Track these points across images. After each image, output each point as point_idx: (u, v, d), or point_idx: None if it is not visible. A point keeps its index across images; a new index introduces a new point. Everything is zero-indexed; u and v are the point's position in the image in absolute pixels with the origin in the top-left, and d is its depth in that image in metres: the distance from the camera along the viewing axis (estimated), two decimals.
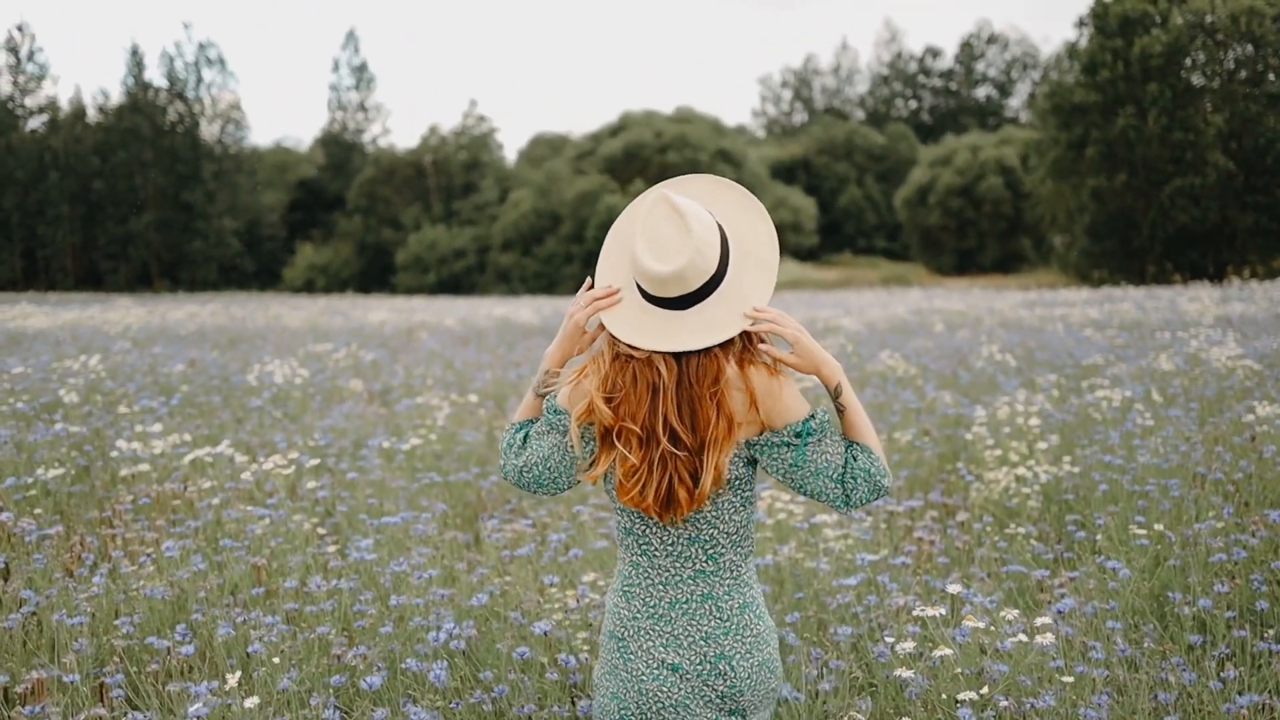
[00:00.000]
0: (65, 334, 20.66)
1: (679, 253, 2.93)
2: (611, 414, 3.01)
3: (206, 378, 13.53)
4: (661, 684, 3.08)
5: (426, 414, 10.53)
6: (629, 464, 3.01)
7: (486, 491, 8.48)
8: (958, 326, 21.10)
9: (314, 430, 10.17)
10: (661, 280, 2.94)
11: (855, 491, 3.04)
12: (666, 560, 3.10)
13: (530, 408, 3.33)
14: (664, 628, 3.10)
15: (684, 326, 2.97)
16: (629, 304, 3.05)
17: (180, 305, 35.68)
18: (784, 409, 3.03)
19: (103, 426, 9.99)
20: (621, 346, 3.03)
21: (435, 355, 17.13)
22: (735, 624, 3.10)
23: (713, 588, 3.09)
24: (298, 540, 6.32)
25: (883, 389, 11.87)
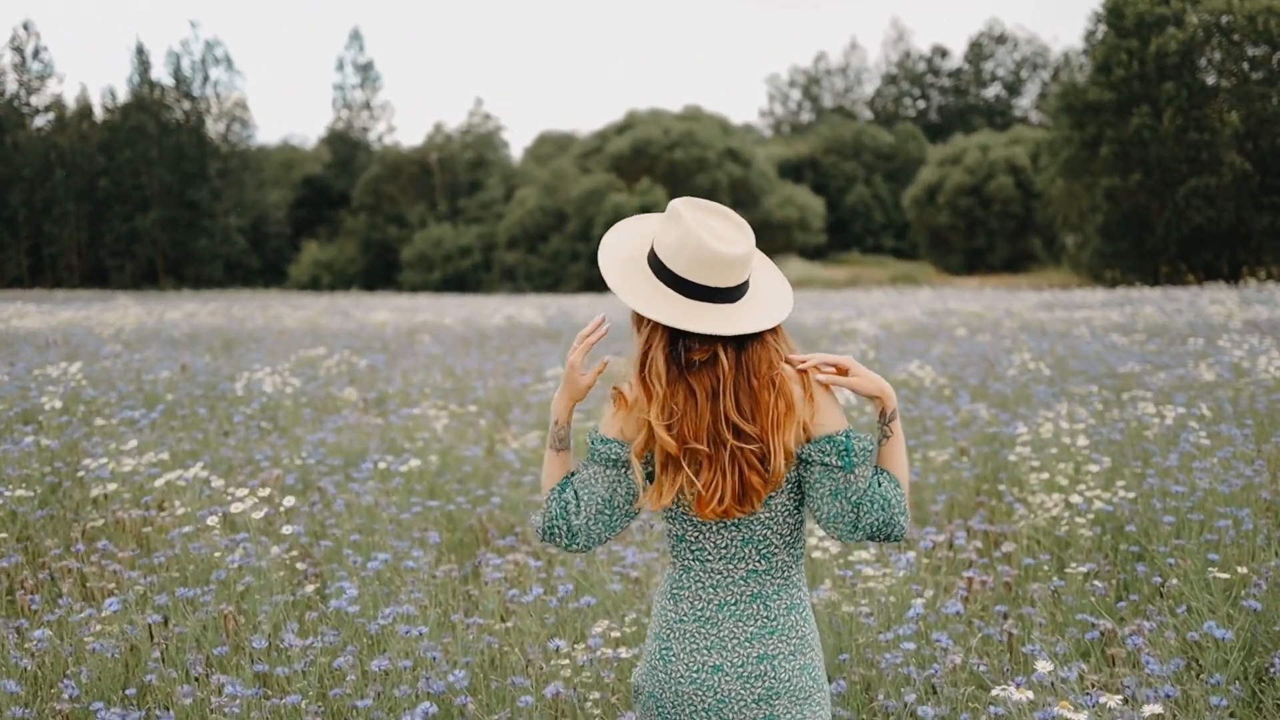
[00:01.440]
0: (57, 335, 19.99)
1: (742, 239, 3.00)
2: (675, 441, 2.99)
3: (194, 386, 12.85)
4: (699, 686, 3.07)
5: (424, 425, 9.87)
6: (698, 486, 3.00)
7: (487, 515, 7.82)
8: (978, 330, 20.37)
9: (303, 445, 9.48)
10: (731, 264, 2.96)
11: (867, 516, 3.00)
12: (720, 563, 3.09)
13: (557, 464, 3.21)
14: (710, 630, 3.09)
15: (741, 311, 3.00)
16: (674, 304, 2.99)
17: (180, 304, 34.97)
18: (828, 415, 3.05)
19: (78, 439, 9.32)
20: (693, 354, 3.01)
21: (436, 360, 16.41)
22: (781, 624, 3.09)
23: (763, 586, 3.09)
24: (274, 580, 5.64)
25: (913, 401, 11.17)
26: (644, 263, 3.11)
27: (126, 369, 14.05)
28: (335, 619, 5.18)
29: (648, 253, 3.12)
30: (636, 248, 3.16)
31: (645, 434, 3.03)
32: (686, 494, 3.04)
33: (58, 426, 9.59)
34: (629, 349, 3.13)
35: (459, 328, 23.40)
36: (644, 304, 3.01)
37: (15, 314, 26.13)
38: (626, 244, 3.18)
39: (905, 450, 3.15)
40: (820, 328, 21.86)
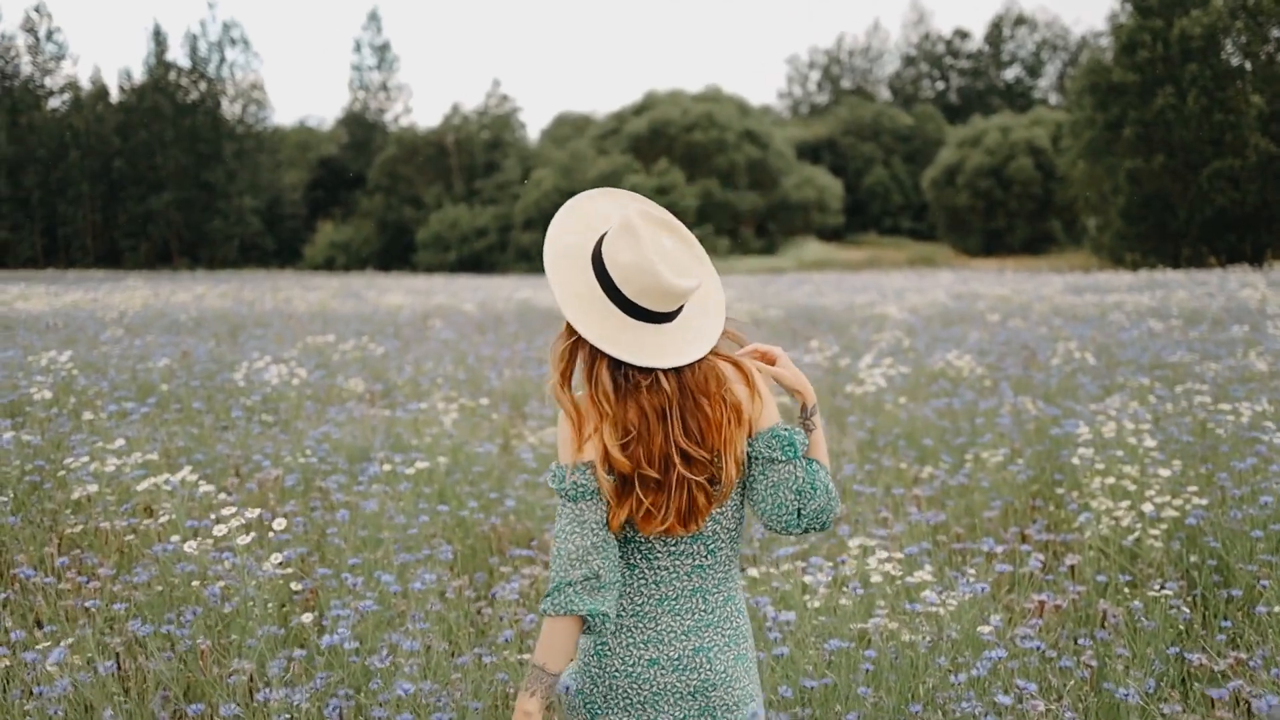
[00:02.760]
0: (60, 319, 19.39)
1: (694, 266, 2.99)
2: (628, 461, 2.95)
3: (193, 375, 12.20)
4: (634, 680, 3.05)
5: (433, 420, 9.23)
6: (645, 505, 2.96)
7: (502, 520, 7.19)
8: (1008, 315, 19.63)
9: (305, 441, 8.83)
10: (678, 295, 2.93)
11: (809, 504, 3.04)
12: (667, 560, 3.07)
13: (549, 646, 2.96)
14: (647, 625, 3.06)
15: (678, 337, 2.99)
16: (612, 325, 2.95)
17: (190, 286, 34.29)
18: (770, 409, 3.08)
19: (63, 435, 8.70)
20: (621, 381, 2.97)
21: (449, 346, 15.73)
22: (718, 617, 3.09)
23: (704, 581, 3.08)
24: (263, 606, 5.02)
25: (953, 393, 10.52)
26: (588, 263, 3.03)
27: (125, 356, 13.43)
28: (328, 658, 4.56)
29: (593, 251, 3.03)
30: (583, 241, 3.07)
31: (600, 454, 2.97)
32: (635, 514, 2.99)
33: (42, 420, 9.00)
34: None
35: (474, 312, 22.74)
36: (586, 326, 2.94)
37: (19, 295, 25.53)
38: (572, 238, 3.07)
39: (825, 441, 3.23)
40: (845, 312, 21.22)
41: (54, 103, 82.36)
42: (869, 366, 10.25)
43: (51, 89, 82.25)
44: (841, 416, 9.98)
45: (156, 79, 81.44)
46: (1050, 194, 73.62)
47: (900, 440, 8.72)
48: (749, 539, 6.44)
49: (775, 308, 21.54)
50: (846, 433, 9.21)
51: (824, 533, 3.19)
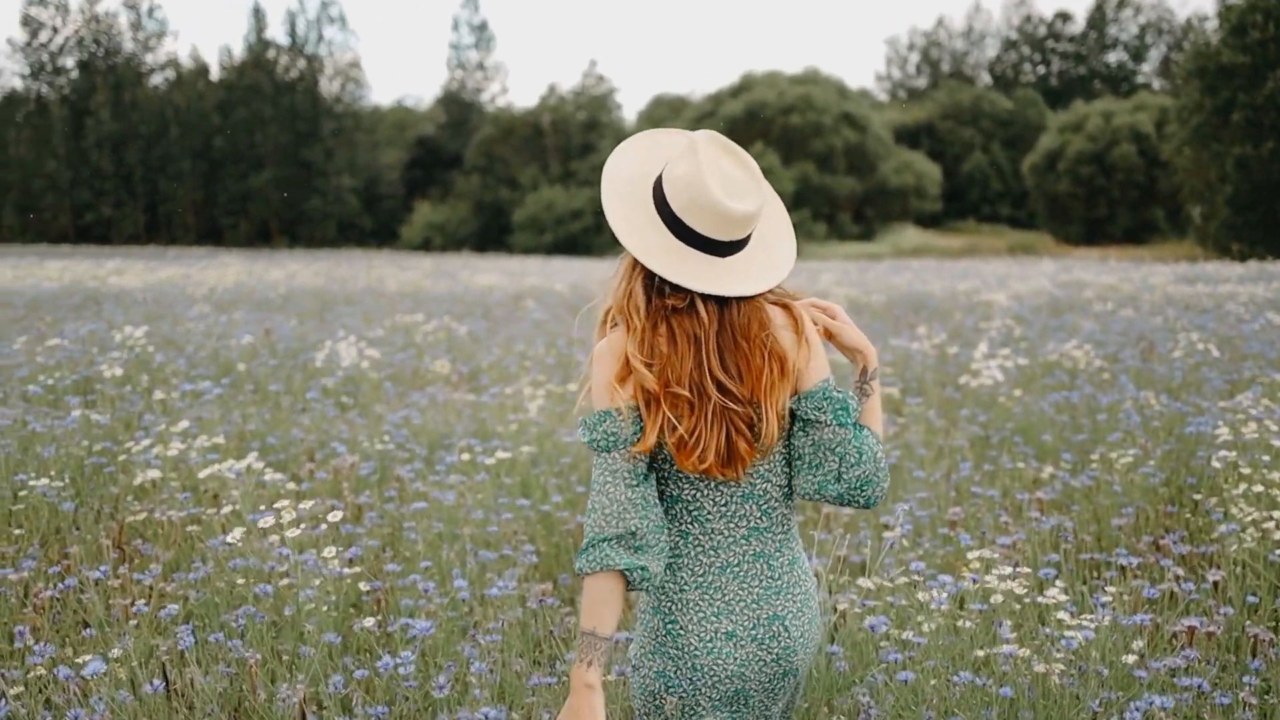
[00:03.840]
0: (150, 294, 19.22)
1: (753, 193, 2.83)
2: (655, 378, 2.79)
3: (274, 354, 11.82)
4: (716, 656, 2.90)
5: (519, 405, 8.75)
6: (680, 432, 2.80)
7: None
8: (1118, 304, 18.81)
9: (384, 424, 8.39)
10: (734, 220, 2.80)
11: (851, 470, 2.88)
12: (720, 523, 2.93)
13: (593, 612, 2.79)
14: (713, 595, 2.92)
15: (734, 270, 2.84)
16: (664, 248, 2.83)
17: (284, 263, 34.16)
18: (819, 361, 2.91)
19: (133, 415, 8.34)
20: (655, 298, 2.84)
21: (540, 328, 15.24)
22: (785, 582, 2.97)
23: (765, 545, 2.96)
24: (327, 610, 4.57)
25: (1071, 386, 9.86)
26: (648, 186, 2.93)
27: (207, 333, 13.11)
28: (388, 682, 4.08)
29: (655, 177, 2.94)
30: (648, 168, 2.97)
31: (623, 365, 2.83)
32: (668, 440, 2.82)
33: (113, 398, 8.64)
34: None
35: (567, 293, 22.28)
36: (626, 232, 2.86)
37: (114, 270, 25.51)
38: (639, 162, 2.98)
39: (880, 409, 3.05)
40: (948, 299, 20.53)
41: (155, 80, 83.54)
42: (984, 357, 9.64)
43: (153, 66, 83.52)
44: (953, 409, 9.39)
45: (256, 56, 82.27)
46: (1154, 181, 72.17)
47: (1016, 436, 8.12)
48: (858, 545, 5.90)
49: (877, 293, 20.88)
50: (958, 427, 8.62)
51: (867, 509, 3.11)
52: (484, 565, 5.46)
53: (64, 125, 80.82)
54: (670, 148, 3.00)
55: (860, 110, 77.09)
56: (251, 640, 4.43)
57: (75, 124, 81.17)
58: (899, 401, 9.45)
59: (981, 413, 8.88)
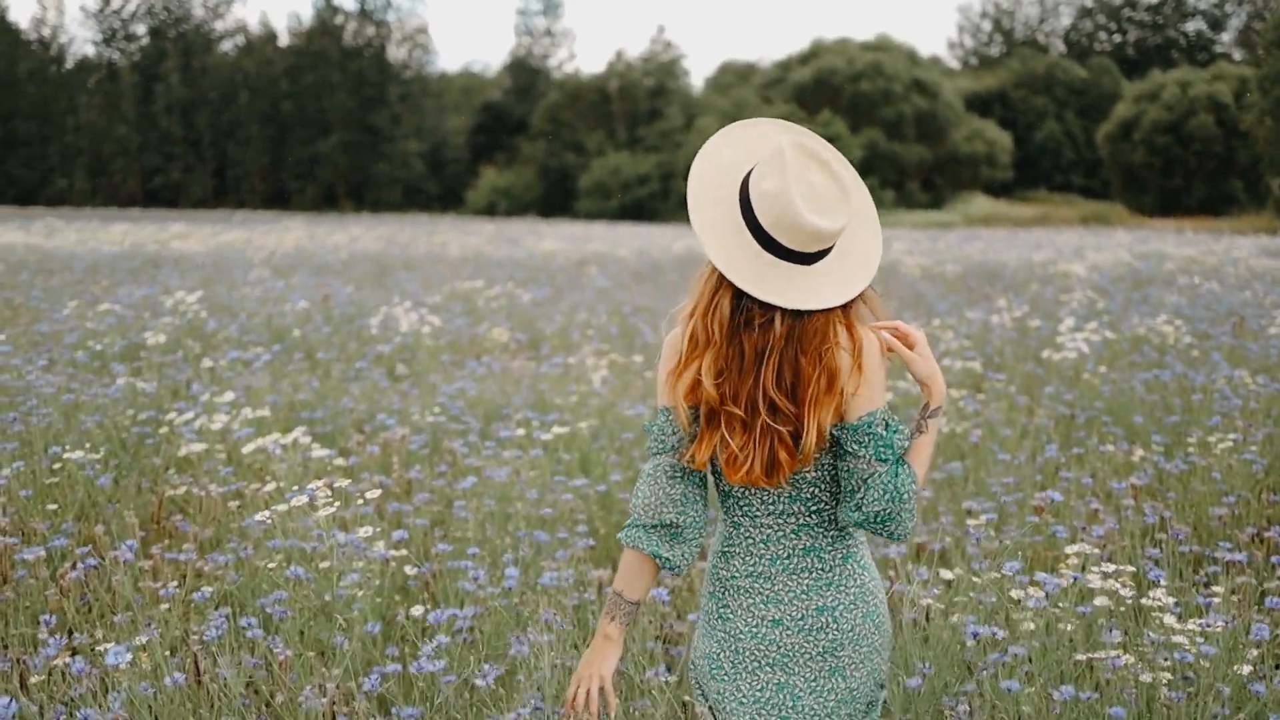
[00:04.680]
0: (210, 258, 19.00)
1: (841, 210, 2.80)
2: (718, 395, 2.85)
3: (329, 320, 11.49)
4: (760, 640, 2.98)
5: (580, 376, 8.36)
6: (731, 449, 2.86)
7: None
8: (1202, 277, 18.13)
9: (438, 395, 8.03)
10: (817, 235, 2.77)
11: (872, 503, 2.87)
12: (769, 519, 2.98)
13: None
14: (764, 585, 2.98)
15: (812, 280, 2.82)
16: (749, 259, 2.81)
17: (347, 228, 33.96)
18: (871, 388, 2.87)
19: (181, 383, 8.04)
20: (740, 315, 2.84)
21: (603, 295, 14.83)
22: (837, 575, 2.98)
23: (815, 540, 2.98)
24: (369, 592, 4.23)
25: (1160, 364, 9.35)
26: (735, 191, 2.89)
27: (262, 299, 12.81)
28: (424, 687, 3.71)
29: (742, 181, 2.89)
30: (734, 174, 2.92)
31: (690, 382, 2.89)
32: (720, 456, 2.91)
33: (159, 366, 8.34)
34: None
35: (631, 259, 21.86)
36: (712, 246, 2.84)
37: (177, 235, 25.36)
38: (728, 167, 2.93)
39: (932, 451, 3.09)
40: (1023, 269, 19.95)
41: (224, 46, 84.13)
42: (1070, 330, 9.14)
43: (222, 32, 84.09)
44: (1036, 386, 8.91)
45: (324, 22, 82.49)
46: (1232, 152, 70.85)
47: (1105, 416, 7.64)
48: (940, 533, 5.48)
49: (951, 263, 20.33)
50: (1041, 405, 8.14)
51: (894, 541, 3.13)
52: (538, 547, 5.11)
53: (134, 91, 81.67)
54: (760, 144, 2.94)
55: (931, 77, 76.21)
56: (288, 629, 4.09)
57: (145, 90, 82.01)
58: (979, 377, 8.98)
59: (1066, 390, 8.41)
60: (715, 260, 2.83)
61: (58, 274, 17.01)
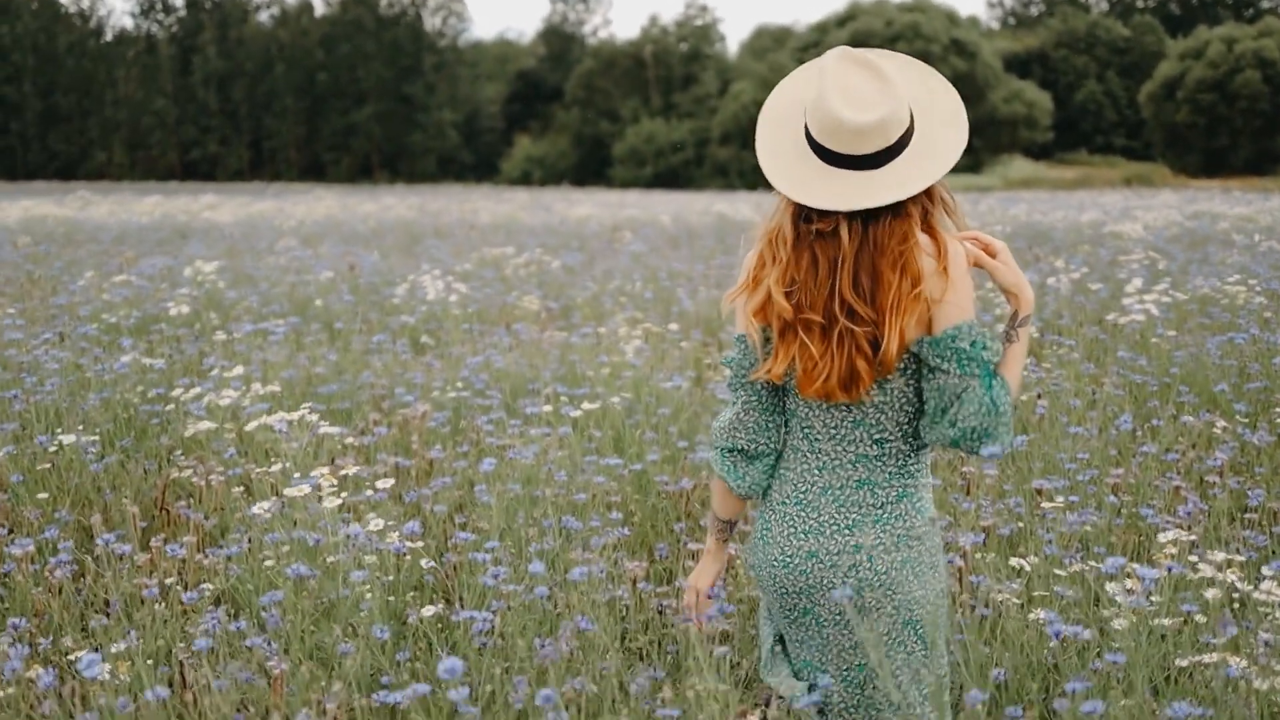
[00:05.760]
0: (239, 229, 18.60)
1: (879, 103, 2.77)
2: (791, 308, 2.85)
3: (353, 289, 11.03)
4: (791, 570, 3.01)
5: (613, 347, 7.86)
6: (810, 355, 2.85)
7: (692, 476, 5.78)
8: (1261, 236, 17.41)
9: (462, 368, 7.55)
10: (861, 132, 2.75)
11: (967, 418, 2.82)
12: (829, 444, 2.99)
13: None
14: (808, 514, 3.00)
15: (876, 184, 2.77)
16: (807, 170, 2.84)
17: (379, 197, 33.52)
18: (959, 297, 2.82)
19: (194, 358, 7.60)
20: (802, 226, 2.86)
21: (638, 260, 14.30)
22: (886, 514, 2.96)
23: (872, 473, 2.97)
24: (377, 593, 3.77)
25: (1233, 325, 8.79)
26: (800, 120, 2.91)
27: (286, 268, 12.36)
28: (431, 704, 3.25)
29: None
30: (800, 104, 2.93)
31: (761, 300, 2.90)
32: (798, 366, 2.89)
33: (170, 339, 7.91)
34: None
35: (667, 224, 21.33)
36: (769, 165, 2.91)
37: (208, 205, 25.01)
38: (793, 100, 2.96)
39: (1024, 359, 2.97)
40: (1072, 230, 19.33)
41: (261, 17, 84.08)
42: (1138, 292, 8.59)
43: (259, 3, 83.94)
44: (1101, 352, 8.37)
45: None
46: (1279, 110, 69.62)
47: (1180, 385, 7.10)
48: (1006, 513, 4.99)
49: (998, 225, 19.71)
50: (1108, 373, 7.60)
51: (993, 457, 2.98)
52: (567, 535, 4.65)
53: (172, 63, 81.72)
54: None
55: (970, 38, 75.51)
56: (288, 634, 3.64)
57: (183, 62, 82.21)
58: (1037, 343, 8.45)
59: (1135, 356, 7.86)
60: (766, 171, 2.89)
61: (85, 245, 16.67)
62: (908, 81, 2.90)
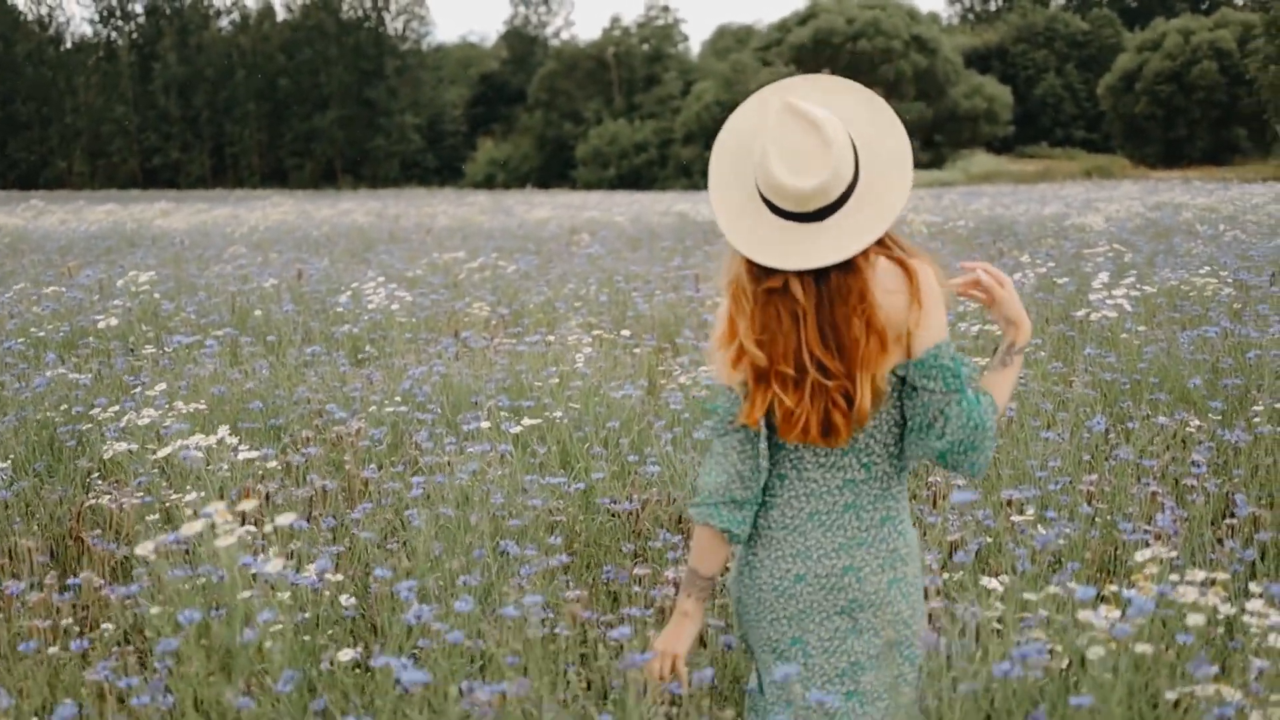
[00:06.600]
0: (190, 236, 18.18)
1: (820, 167, 2.77)
2: (764, 356, 2.87)
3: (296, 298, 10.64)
4: (780, 594, 3.00)
5: (562, 356, 7.51)
6: (786, 406, 2.87)
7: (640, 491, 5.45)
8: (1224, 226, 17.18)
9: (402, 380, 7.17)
10: (803, 197, 2.77)
11: (954, 432, 2.86)
12: (817, 472, 3.00)
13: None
14: (795, 539, 3.00)
15: (822, 239, 2.80)
16: (755, 221, 2.86)
17: (336, 203, 33.08)
18: (934, 322, 2.86)
19: (122, 374, 7.23)
20: (762, 282, 2.86)
21: (594, 263, 13.94)
22: (872, 536, 2.99)
23: (858, 496, 2.99)
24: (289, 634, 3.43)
25: (1205, 319, 8.52)
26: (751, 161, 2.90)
27: (233, 276, 11.94)
28: None
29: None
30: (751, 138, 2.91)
31: (736, 348, 2.91)
32: (776, 414, 2.91)
33: (104, 353, 7.54)
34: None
35: (626, 225, 20.99)
36: (721, 212, 2.92)
37: (160, 213, 24.54)
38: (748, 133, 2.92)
39: (1015, 382, 3.05)
40: (1035, 224, 19.10)
41: (221, 23, 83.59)
42: (1106, 286, 8.29)
43: (219, 8, 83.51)
44: (1071, 350, 8.08)
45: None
46: (1235, 100, 71.01)
47: (1152, 380, 6.80)
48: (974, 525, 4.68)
49: (960, 220, 19.44)
50: (1077, 372, 7.30)
51: (972, 477, 2.95)
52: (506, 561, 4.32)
53: (132, 70, 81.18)
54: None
55: (930, 34, 76.11)
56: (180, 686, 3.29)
57: (143, 69, 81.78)
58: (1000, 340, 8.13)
59: (1104, 353, 7.57)
60: (720, 224, 2.89)
61: (29, 255, 16.24)
62: (856, 120, 2.91)
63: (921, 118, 72.69)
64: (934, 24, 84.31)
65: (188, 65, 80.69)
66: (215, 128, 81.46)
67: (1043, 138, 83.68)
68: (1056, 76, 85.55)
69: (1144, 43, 76.07)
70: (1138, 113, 74.05)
